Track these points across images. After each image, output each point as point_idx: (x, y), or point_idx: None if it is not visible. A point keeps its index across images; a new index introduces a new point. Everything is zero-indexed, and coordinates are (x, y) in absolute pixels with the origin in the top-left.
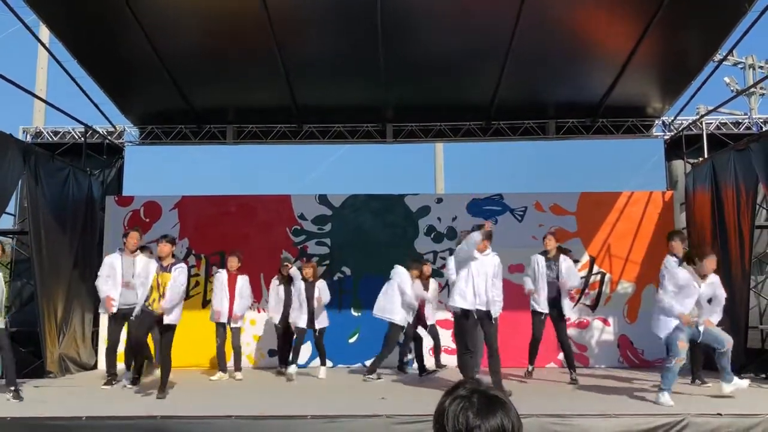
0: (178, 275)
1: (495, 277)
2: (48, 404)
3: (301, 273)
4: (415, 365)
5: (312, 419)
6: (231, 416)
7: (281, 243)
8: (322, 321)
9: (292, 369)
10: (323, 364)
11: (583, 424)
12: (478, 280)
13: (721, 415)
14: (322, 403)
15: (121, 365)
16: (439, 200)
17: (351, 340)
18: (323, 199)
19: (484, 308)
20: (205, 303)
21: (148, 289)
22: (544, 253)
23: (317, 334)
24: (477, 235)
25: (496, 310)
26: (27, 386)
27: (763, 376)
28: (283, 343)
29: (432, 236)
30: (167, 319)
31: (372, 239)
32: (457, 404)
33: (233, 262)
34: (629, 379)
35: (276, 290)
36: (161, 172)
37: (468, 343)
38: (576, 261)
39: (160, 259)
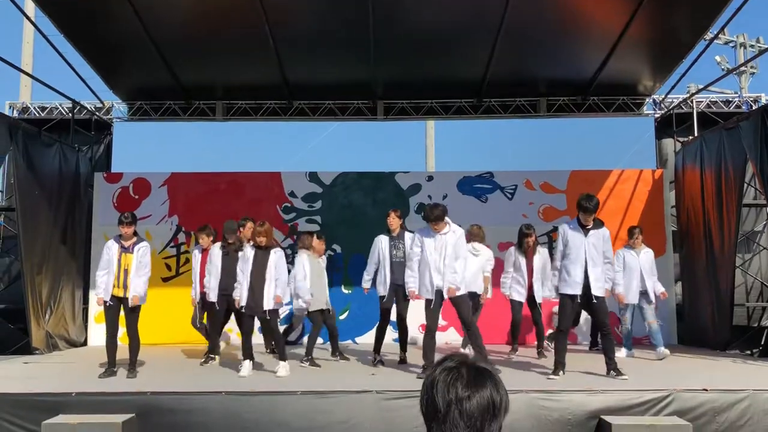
0: (143, 255)
1: (450, 256)
2: (38, 380)
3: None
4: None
5: (302, 395)
6: (221, 392)
7: (271, 220)
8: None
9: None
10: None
11: (570, 400)
12: (433, 263)
13: (707, 390)
14: (312, 379)
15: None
16: (430, 178)
17: (341, 317)
18: (314, 177)
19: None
20: None
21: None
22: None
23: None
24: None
25: (445, 287)
26: (16, 362)
27: (748, 352)
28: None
29: (423, 214)
30: (132, 301)
31: (362, 217)
32: (446, 375)
33: (203, 239)
34: (617, 355)
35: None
36: (151, 148)
37: (431, 326)
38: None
39: (121, 239)
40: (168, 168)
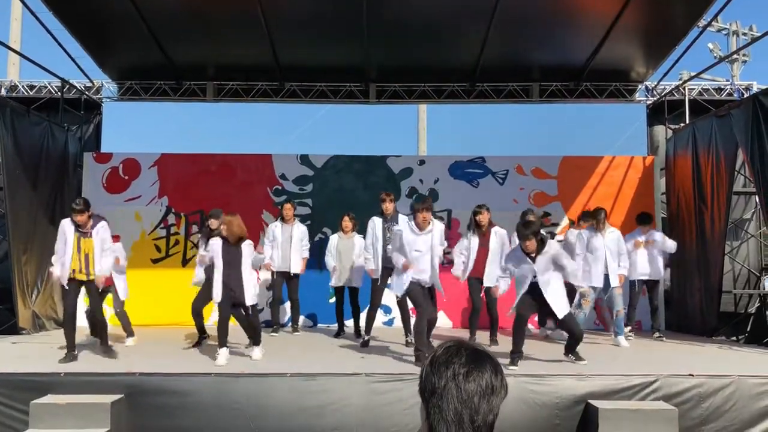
0: (104, 235)
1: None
2: (27, 360)
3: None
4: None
5: (291, 377)
6: (210, 373)
7: (262, 203)
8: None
9: None
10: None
11: (559, 384)
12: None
13: (693, 375)
14: (302, 361)
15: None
16: (422, 162)
17: (331, 301)
18: (305, 159)
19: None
20: (185, 262)
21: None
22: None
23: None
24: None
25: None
26: (4, 342)
27: (735, 338)
28: None
29: (414, 198)
30: (100, 282)
31: (354, 200)
32: (446, 354)
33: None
34: (605, 341)
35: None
36: (141, 129)
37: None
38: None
39: (78, 227)
40: (158, 149)
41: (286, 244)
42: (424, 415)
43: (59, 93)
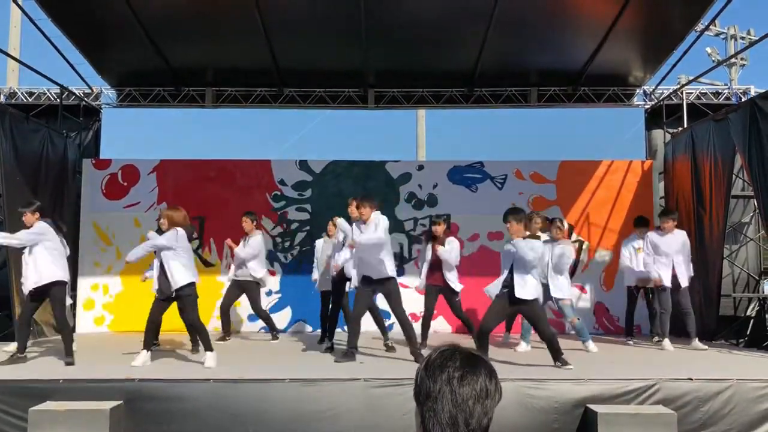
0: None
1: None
2: (25, 367)
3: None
4: None
5: (290, 382)
6: (209, 379)
7: (261, 208)
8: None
9: None
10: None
11: (557, 388)
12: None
13: (692, 379)
14: (301, 366)
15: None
16: (420, 167)
17: None
18: (304, 165)
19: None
20: None
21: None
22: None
23: None
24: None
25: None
26: (2, 349)
27: (734, 342)
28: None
29: (413, 203)
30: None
31: None
32: (441, 357)
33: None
34: (604, 345)
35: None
36: (140, 135)
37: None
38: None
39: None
40: (157, 155)
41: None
42: (419, 419)
43: (58, 100)
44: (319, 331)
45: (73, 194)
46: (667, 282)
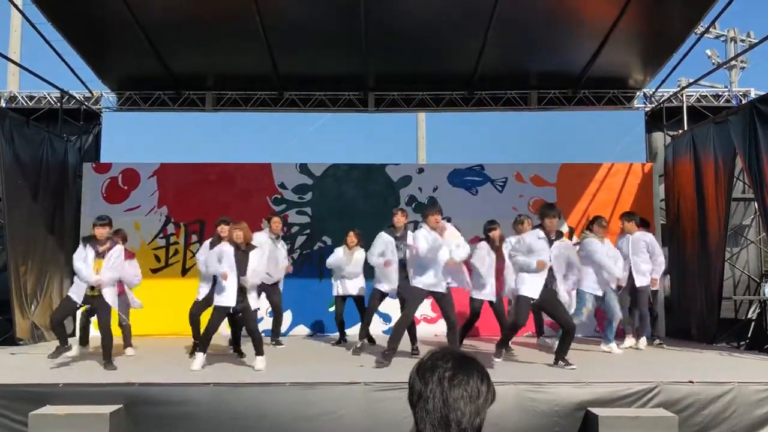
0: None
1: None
2: (25, 371)
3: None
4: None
5: (290, 386)
6: (209, 383)
7: (261, 212)
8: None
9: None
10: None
11: (558, 392)
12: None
13: (692, 382)
14: (301, 370)
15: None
16: (421, 170)
17: (330, 309)
18: (304, 168)
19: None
20: (185, 271)
21: None
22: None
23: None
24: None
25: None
26: (3, 353)
27: (735, 345)
28: None
29: (413, 206)
30: None
31: (353, 209)
32: (433, 360)
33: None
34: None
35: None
36: (140, 139)
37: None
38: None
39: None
40: (157, 158)
41: None
42: (414, 421)
43: (59, 103)
44: (319, 334)
45: (73, 198)
46: (623, 283)
